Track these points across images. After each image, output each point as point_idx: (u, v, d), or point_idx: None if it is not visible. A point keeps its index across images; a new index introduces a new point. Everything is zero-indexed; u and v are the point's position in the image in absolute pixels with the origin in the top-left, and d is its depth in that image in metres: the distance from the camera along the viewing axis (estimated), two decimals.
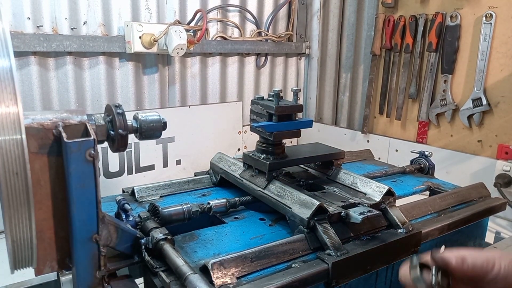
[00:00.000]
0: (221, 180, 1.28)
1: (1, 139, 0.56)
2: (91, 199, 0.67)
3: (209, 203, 1.05)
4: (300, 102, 2.96)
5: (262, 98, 1.16)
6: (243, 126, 2.65)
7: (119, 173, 2.14)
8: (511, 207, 1.68)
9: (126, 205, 0.91)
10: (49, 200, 0.68)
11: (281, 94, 1.11)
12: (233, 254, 0.83)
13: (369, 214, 0.94)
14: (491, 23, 2.04)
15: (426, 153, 1.52)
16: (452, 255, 0.66)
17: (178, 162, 2.37)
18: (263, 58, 2.79)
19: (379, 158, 2.01)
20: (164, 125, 0.83)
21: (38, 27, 1.90)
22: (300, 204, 0.97)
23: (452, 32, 2.19)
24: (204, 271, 0.79)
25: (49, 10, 1.93)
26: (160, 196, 1.19)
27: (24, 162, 0.58)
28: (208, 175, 1.33)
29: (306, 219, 0.91)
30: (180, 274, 0.75)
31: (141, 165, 2.22)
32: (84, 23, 2.04)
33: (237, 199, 1.11)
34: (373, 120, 2.69)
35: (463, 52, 2.18)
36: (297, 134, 1.15)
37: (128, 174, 2.16)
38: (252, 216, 1.09)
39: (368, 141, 2.64)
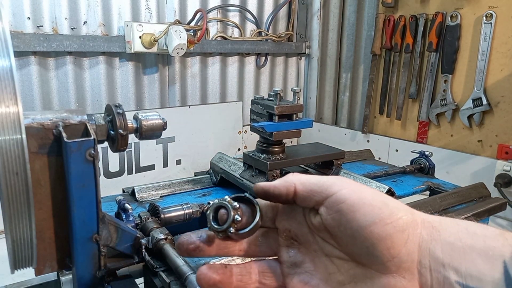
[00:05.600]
0: (221, 180, 1.28)
1: (1, 139, 0.56)
2: (91, 199, 0.67)
3: (209, 203, 1.04)
4: (300, 102, 2.96)
5: (262, 98, 1.16)
6: (243, 126, 2.65)
7: (119, 173, 2.14)
8: (511, 207, 1.68)
9: (126, 205, 0.91)
10: (49, 200, 0.67)
11: (281, 94, 1.11)
12: None
13: None
14: (491, 23, 2.04)
15: (426, 153, 1.52)
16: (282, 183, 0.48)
17: (178, 162, 2.37)
18: (263, 58, 2.79)
19: (379, 158, 2.01)
20: (164, 125, 0.82)
21: (38, 27, 1.90)
22: None
23: (452, 32, 2.19)
24: None
25: (49, 10, 1.93)
26: (160, 196, 1.18)
27: (24, 162, 0.58)
28: (208, 175, 1.33)
29: None
30: (180, 274, 0.75)
31: (141, 165, 2.22)
32: (84, 23, 2.04)
33: None
34: (373, 120, 2.69)
35: (463, 52, 2.18)
36: (297, 134, 1.15)
37: (128, 174, 2.16)
38: None
39: (368, 141, 2.64)
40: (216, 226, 0.48)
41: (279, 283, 0.50)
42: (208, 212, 0.49)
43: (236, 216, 0.47)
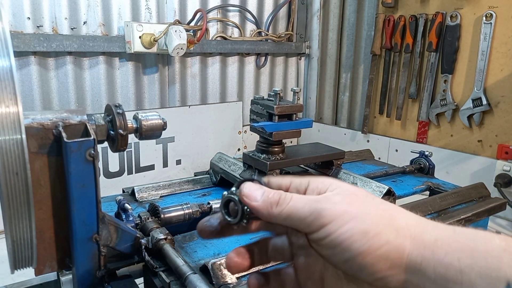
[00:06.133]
0: (221, 180, 1.28)
1: (1, 139, 0.56)
2: (91, 199, 0.67)
3: (209, 203, 1.04)
4: (300, 102, 2.96)
5: (262, 98, 1.16)
6: (243, 126, 2.65)
7: (119, 173, 2.14)
8: (511, 207, 1.68)
9: (126, 205, 0.91)
10: (49, 200, 0.68)
11: (281, 94, 1.11)
12: None
13: None
14: (491, 23, 2.04)
15: (426, 153, 1.52)
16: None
17: (178, 162, 2.37)
18: (263, 58, 2.79)
19: (379, 158, 2.01)
20: (164, 125, 0.82)
21: (38, 27, 1.90)
22: None
23: (452, 32, 2.19)
24: (204, 271, 0.79)
25: (49, 10, 1.93)
26: (160, 196, 1.18)
27: (24, 162, 0.58)
28: (208, 175, 1.33)
29: None
30: (180, 274, 0.75)
31: (141, 165, 2.22)
32: (84, 23, 2.04)
33: None
34: (373, 120, 2.69)
35: (463, 52, 2.19)
36: (297, 134, 1.15)
37: (128, 174, 2.16)
38: None
39: (368, 141, 2.64)
40: (229, 219, 0.50)
41: (289, 261, 0.52)
42: (219, 206, 0.51)
43: (246, 207, 0.48)
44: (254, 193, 0.48)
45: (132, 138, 0.74)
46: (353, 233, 0.42)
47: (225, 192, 0.51)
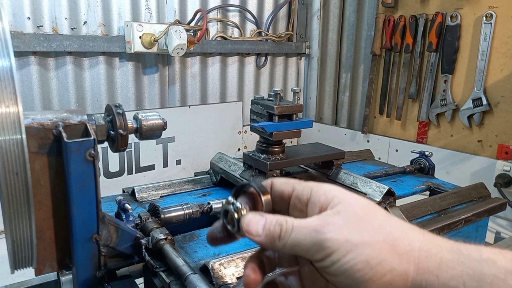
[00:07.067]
0: (221, 180, 1.28)
1: (1, 139, 0.56)
2: (91, 199, 0.67)
3: (209, 203, 1.04)
4: (300, 102, 2.96)
5: (262, 98, 1.17)
6: (243, 126, 2.65)
7: (119, 173, 2.14)
8: (511, 207, 1.68)
9: (126, 205, 0.91)
10: (49, 200, 0.68)
11: (281, 94, 1.11)
12: (233, 254, 0.83)
13: None
14: (491, 23, 2.04)
15: (426, 153, 1.52)
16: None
17: (178, 162, 2.37)
18: (263, 58, 2.79)
19: (379, 158, 2.01)
20: (164, 125, 0.82)
21: (38, 27, 1.90)
22: None
23: (452, 32, 2.19)
24: (204, 271, 0.79)
25: (49, 10, 1.93)
26: (160, 196, 1.18)
27: (24, 162, 0.58)
28: (208, 175, 1.33)
29: None
30: (180, 274, 0.75)
31: (141, 165, 2.22)
32: (84, 23, 2.04)
33: None
34: (373, 120, 2.69)
35: (463, 52, 2.18)
36: (297, 134, 1.15)
37: (128, 174, 2.16)
38: None
39: (368, 141, 2.64)
40: (229, 228, 0.51)
41: (295, 266, 0.54)
42: (220, 217, 0.52)
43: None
44: (255, 227, 0.48)
45: (132, 138, 0.74)
46: (356, 262, 0.42)
47: (229, 199, 0.51)
